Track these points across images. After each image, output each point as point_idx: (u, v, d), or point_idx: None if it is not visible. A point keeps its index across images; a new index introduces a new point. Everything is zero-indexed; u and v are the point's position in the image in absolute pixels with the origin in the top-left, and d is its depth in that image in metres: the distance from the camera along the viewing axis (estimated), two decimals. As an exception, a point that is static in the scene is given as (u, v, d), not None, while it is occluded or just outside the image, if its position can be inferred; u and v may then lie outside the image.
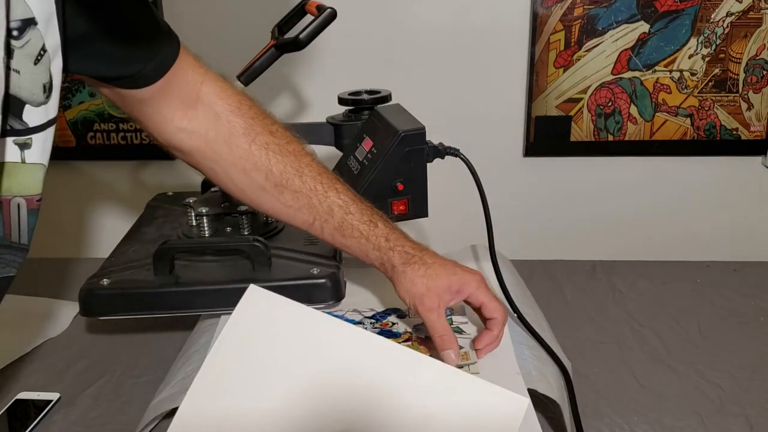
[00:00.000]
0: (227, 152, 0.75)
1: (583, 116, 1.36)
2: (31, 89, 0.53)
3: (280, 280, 0.81)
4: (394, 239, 0.74)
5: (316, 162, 0.77)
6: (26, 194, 0.57)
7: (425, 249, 0.75)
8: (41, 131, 0.55)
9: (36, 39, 0.52)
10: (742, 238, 1.42)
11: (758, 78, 1.32)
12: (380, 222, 0.75)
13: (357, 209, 0.75)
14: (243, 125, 0.74)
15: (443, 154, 0.86)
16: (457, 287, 0.72)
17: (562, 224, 1.44)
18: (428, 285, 0.72)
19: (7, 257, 0.59)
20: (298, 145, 0.77)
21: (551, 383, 0.72)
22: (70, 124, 1.42)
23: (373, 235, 0.75)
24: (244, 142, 0.74)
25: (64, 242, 1.49)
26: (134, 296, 0.82)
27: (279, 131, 0.76)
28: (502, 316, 0.74)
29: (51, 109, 0.56)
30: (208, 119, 0.74)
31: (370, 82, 1.01)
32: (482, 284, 0.74)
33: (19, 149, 0.55)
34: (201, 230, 0.93)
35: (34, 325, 0.97)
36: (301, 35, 0.91)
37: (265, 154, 0.75)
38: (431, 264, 0.73)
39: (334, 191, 0.76)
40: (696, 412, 0.79)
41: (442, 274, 0.72)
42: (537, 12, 1.29)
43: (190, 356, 0.78)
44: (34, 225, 0.59)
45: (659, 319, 0.99)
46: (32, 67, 0.53)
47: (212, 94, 0.74)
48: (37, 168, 0.57)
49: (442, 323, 0.71)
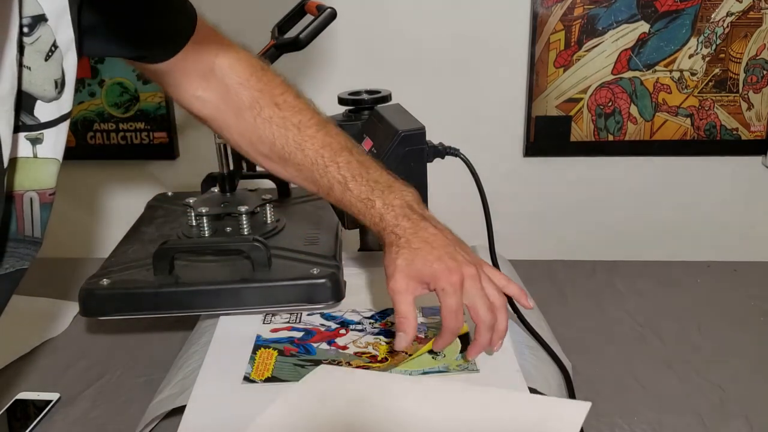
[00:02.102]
0: (235, 123, 0.78)
1: (583, 116, 1.36)
2: (42, 85, 0.54)
3: (280, 280, 0.81)
4: (388, 219, 0.73)
5: (321, 133, 0.77)
6: (38, 188, 0.57)
7: (422, 229, 0.72)
8: (53, 126, 0.56)
9: (47, 35, 0.52)
10: (742, 238, 1.42)
11: (758, 78, 1.32)
12: (378, 200, 0.74)
13: (356, 186, 0.75)
14: (249, 98, 0.77)
15: (443, 154, 0.86)
16: (427, 279, 0.70)
17: (562, 224, 1.44)
18: (401, 267, 0.70)
19: (21, 251, 0.59)
20: (305, 116, 0.77)
21: (551, 383, 0.72)
22: (70, 124, 1.42)
23: (369, 214, 0.74)
24: (249, 116, 0.77)
25: (65, 242, 1.49)
26: (134, 296, 0.82)
27: (286, 102, 0.77)
28: (482, 323, 0.69)
29: (64, 104, 0.56)
30: (219, 91, 0.77)
31: (370, 82, 1.01)
32: (452, 287, 0.68)
33: (31, 144, 0.55)
34: (201, 230, 0.93)
35: (34, 325, 0.97)
36: (301, 35, 0.91)
37: (269, 127, 0.76)
38: (416, 248, 0.70)
39: (334, 166, 0.76)
40: (696, 412, 0.79)
41: (419, 260, 0.70)
42: (537, 12, 1.29)
43: (190, 356, 0.78)
44: (47, 219, 0.59)
45: (659, 319, 0.99)
46: (43, 64, 0.53)
47: (225, 67, 0.76)
48: (49, 162, 0.57)
49: (406, 306, 0.70)
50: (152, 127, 1.40)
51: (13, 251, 0.58)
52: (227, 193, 0.97)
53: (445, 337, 0.70)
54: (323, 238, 0.92)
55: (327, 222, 0.97)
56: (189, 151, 1.43)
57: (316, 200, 1.05)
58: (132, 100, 1.39)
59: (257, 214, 0.97)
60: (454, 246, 0.71)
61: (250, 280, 0.81)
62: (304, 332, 0.79)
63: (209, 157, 0.99)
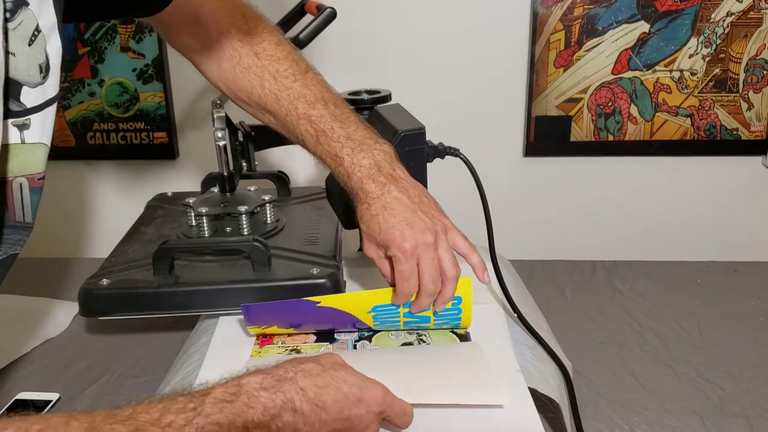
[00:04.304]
0: (217, 71, 0.81)
1: (583, 116, 1.36)
2: (27, 71, 0.53)
3: (280, 280, 0.81)
4: (354, 180, 0.72)
5: (298, 84, 0.78)
6: (28, 174, 0.57)
7: (386, 193, 0.70)
8: (39, 111, 0.55)
9: (29, 19, 0.52)
10: (742, 238, 1.42)
11: (758, 78, 1.32)
12: (347, 158, 0.73)
13: (326, 141, 0.75)
14: (229, 47, 0.79)
15: (443, 154, 0.86)
16: (383, 245, 0.70)
17: (561, 224, 1.44)
18: (364, 232, 0.72)
19: (13, 236, 0.59)
20: (282, 65, 0.79)
21: (551, 383, 0.72)
22: (69, 124, 1.42)
23: (338, 171, 0.75)
24: (228, 65, 0.80)
25: (64, 242, 1.49)
26: (134, 296, 0.82)
27: (265, 51, 0.79)
28: (423, 290, 0.69)
29: (50, 89, 0.56)
30: (203, 39, 0.79)
31: (370, 82, 1.01)
32: (402, 255, 0.68)
33: (18, 130, 0.55)
34: (201, 230, 0.93)
35: (34, 325, 0.97)
36: (301, 35, 0.91)
37: (247, 76, 0.79)
38: (374, 215, 0.70)
39: (305, 121, 0.76)
40: (696, 412, 0.79)
41: (375, 227, 0.69)
42: (537, 12, 1.29)
43: (190, 356, 0.78)
44: (37, 203, 0.59)
45: (659, 319, 0.99)
46: (27, 48, 0.53)
47: (208, 16, 0.78)
48: (37, 147, 0.57)
49: (384, 269, 0.72)
50: (152, 127, 1.40)
51: (6, 237, 0.58)
52: (227, 193, 0.97)
53: (400, 298, 0.71)
54: (323, 238, 0.92)
55: (327, 222, 0.97)
56: (189, 151, 1.43)
57: (316, 200, 1.05)
58: (132, 100, 1.39)
59: (257, 214, 0.97)
60: (415, 211, 0.70)
61: (250, 280, 0.81)
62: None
63: (209, 157, 0.99)
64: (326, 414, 0.53)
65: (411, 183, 0.73)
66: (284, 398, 0.52)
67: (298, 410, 0.52)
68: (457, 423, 0.63)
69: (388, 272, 0.72)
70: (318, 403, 0.53)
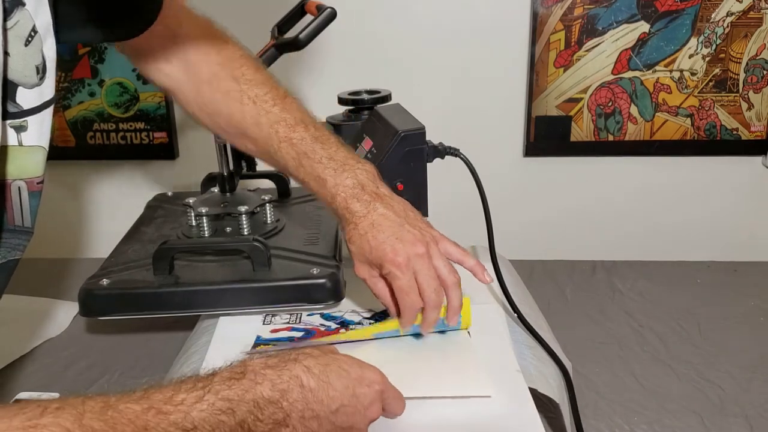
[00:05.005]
0: (195, 97, 0.79)
1: (583, 116, 1.36)
2: (23, 71, 0.53)
3: (279, 280, 0.81)
4: (338, 200, 0.72)
5: (277, 108, 0.77)
6: (26, 177, 0.57)
7: (372, 211, 0.70)
8: (36, 113, 0.55)
9: (25, 20, 0.52)
10: (742, 238, 1.42)
11: (758, 78, 1.32)
12: (330, 179, 0.73)
13: (308, 163, 0.74)
14: (208, 73, 0.78)
15: (443, 154, 0.86)
16: (376, 264, 0.70)
17: (561, 224, 1.44)
18: (354, 253, 0.71)
19: (13, 241, 0.59)
20: (261, 90, 0.77)
21: (551, 383, 0.72)
22: (69, 124, 1.42)
23: (321, 192, 0.74)
24: (207, 90, 0.78)
25: (64, 242, 1.49)
26: (134, 296, 0.82)
27: (244, 76, 0.78)
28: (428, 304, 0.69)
29: (46, 91, 0.56)
30: (180, 65, 0.78)
31: (370, 82, 1.01)
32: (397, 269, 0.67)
33: (16, 132, 0.54)
34: (201, 230, 0.93)
35: (34, 325, 0.97)
36: (301, 35, 0.91)
37: (226, 101, 0.77)
38: (362, 234, 0.70)
39: (287, 144, 0.75)
40: (696, 412, 0.79)
41: (365, 246, 0.69)
42: (537, 12, 1.29)
43: (190, 356, 0.78)
44: (36, 207, 0.59)
45: (659, 319, 0.99)
46: (23, 49, 0.52)
47: (187, 42, 0.77)
48: (35, 150, 0.56)
49: (378, 290, 0.71)
50: (152, 127, 1.40)
51: (5, 241, 0.58)
52: (227, 193, 0.98)
53: (406, 316, 0.70)
54: (323, 238, 0.92)
55: (327, 222, 0.97)
56: (189, 151, 1.43)
57: (316, 200, 1.05)
58: (132, 100, 1.39)
59: (257, 214, 0.97)
60: (402, 225, 0.70)
61: (250, 280, 0.81)
62: (304, 332, 0.79)
63: (209, 157, 0.99)
64: (333, 390, 0.54)
65: (396, 199, 0.73)
66: (290, 374, 0.52)
67: (305, 386, 0.52)
68: (457, 423, 0.63)
69: (381, 292, 0.71)
70: (324, 380, 0.54)
